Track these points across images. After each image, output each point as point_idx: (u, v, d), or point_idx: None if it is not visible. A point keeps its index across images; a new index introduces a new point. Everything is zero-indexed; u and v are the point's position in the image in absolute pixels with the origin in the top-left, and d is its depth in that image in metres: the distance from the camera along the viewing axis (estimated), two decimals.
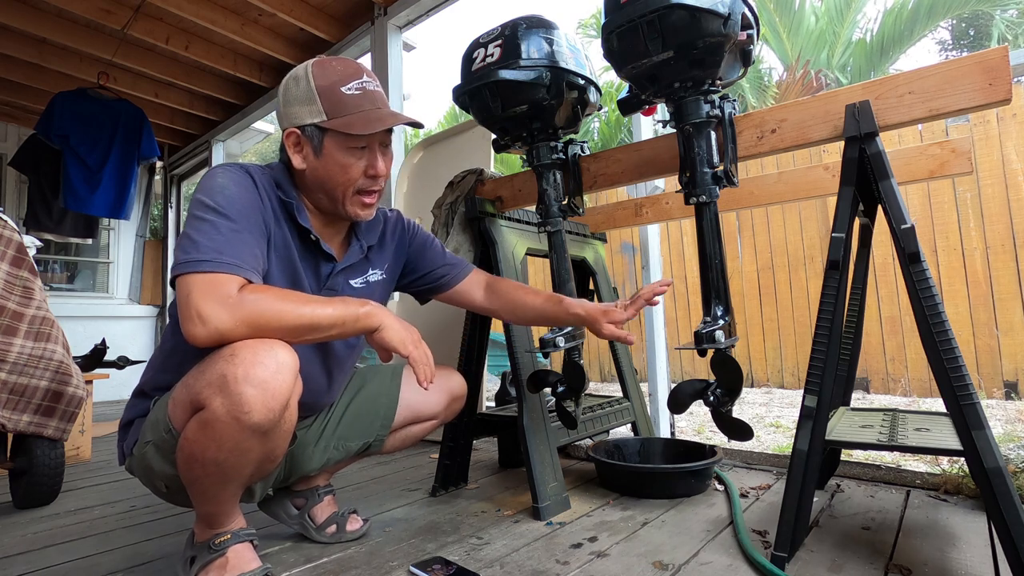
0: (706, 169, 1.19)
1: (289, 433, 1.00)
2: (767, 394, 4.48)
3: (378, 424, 1.27)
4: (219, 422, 0.87)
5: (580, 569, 1.10)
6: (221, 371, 0.87)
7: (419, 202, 2.56)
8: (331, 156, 1.06)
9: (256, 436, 0.90)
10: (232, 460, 0.92)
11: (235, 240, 0.95)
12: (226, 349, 0.89)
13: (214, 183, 1.00)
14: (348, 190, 1.08)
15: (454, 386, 1.34)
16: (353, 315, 0.98)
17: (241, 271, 0.92)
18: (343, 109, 1.04)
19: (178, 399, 0.95)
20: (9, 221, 1.68)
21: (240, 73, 3.63)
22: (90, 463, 2.31)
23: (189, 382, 0.94)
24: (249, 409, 0.86)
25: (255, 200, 1.03)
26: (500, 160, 7.17)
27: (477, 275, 1.35)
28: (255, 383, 0.86)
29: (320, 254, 1.13)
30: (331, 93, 1.04)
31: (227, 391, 0.86)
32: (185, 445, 0.93)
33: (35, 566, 1.23)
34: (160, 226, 5.26)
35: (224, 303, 0.88)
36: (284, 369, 0.90)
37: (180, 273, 0.91)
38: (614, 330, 1.18)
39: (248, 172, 1.06)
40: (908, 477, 1.57)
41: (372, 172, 1.08)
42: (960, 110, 1.04)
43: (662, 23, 1.04)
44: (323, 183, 1.08)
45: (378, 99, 1.08)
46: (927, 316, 0.99)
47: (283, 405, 0.91)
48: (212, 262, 0.90)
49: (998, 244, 3.69)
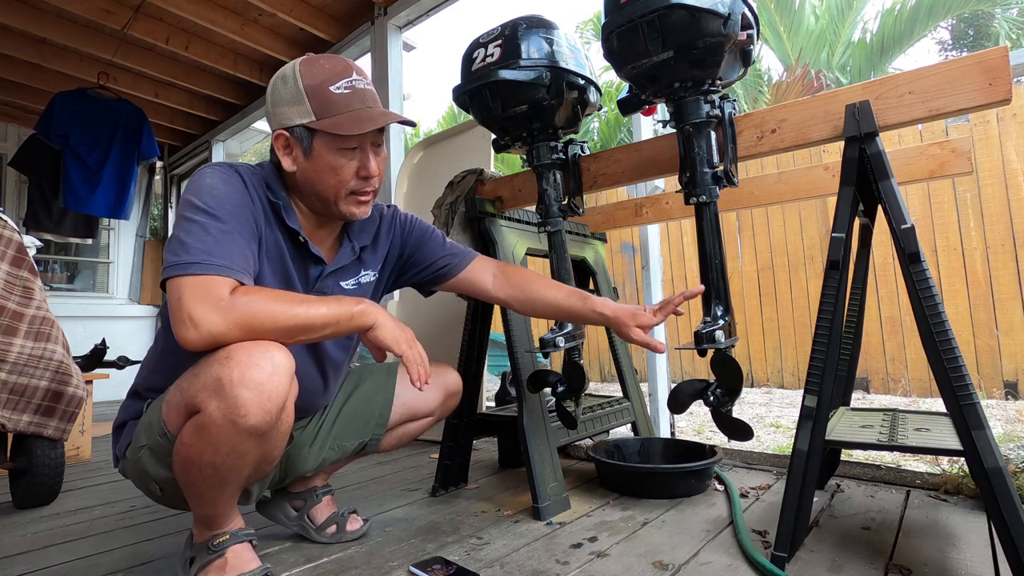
0: (706, 169, 1.19)
1: (286, 435, 0.99)
2: (767, 394, 4.48)
3: (373, 423, 1.26)
4: (215, 425, 0.87)
5: (580, 569, 1.10)
6: (216, 374, 0.86)
7: (419, 202, 2.56)
8: (321, 158, 1.03)
9: (253, 439, 0.90)
10: (229, 463, 0.91)
11: (225, 241, 0.93)
12: (221, 351, 0.88)
13: (203, 183, 0.98)
14: (340, 192, 1.06)
15: (449, 383, 1.34)
16: (347, 313, 0.97)
17: (232, 272, 0.91)
18: (332, 109, 1.01)
19: (173, 402, 0.95)
20: (9, 221, 1.68)
21: (240, 73, 3.63)
22: (90, 463, 2.31)
23: (183, 385, 0.93)
24: (245, 412, 0.86)
25: (245, 200, 1.01)
26: (500, 160, 7.17)
27: (483, 262, 1.31)
28: (251, 385, 0.86)
29: (309, 256, 1.11)
30: (319, 92, 1.01)
31: (223, 394, 0.85)
32: (181, 449, 0.92)
33: (35, 566, 1.23)
34: (160, 226, 5.27)
35: (216, 306, 0.86)
36: (280, 371, 0.89)
37: (170, 276, 0.89)
38: (644, 336, 1.13)
39: (237, 171, 1.04)
40: (908, 477, 1.57)
41: (364, 173, 1.06)
42: (960, 110, 1.04)
43: (662, 23, 1.04)
44: (314, 185, 1.06)
45: (368, 98, 1.05)
46: (927, 316, 0.99)
47: (279, 407, 0.90)
48: (202, 264, 0.88)
49: (998, 244, 3.69)
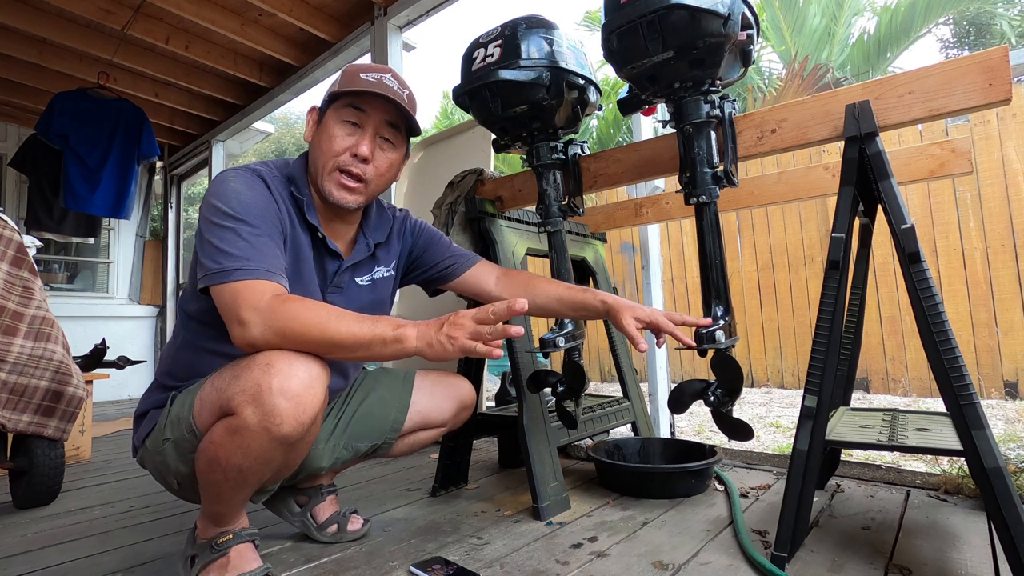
0: (706, 169, 1.19)
1: (311, 444, 1.02)
2: (767, 394, 4.48)
3: (388, 427, 1.27)
4: (249, 430, 0.88)
5: (580, 569, 1.10)
6: (256, 380, 0.87)
7: (419, 202, 2.56)
8: (326, 125, 1.10)
9: (283, 447, 0.91)
10: (255, 468, 0.93)
11: (259, 245, 0.96)
12: (261, 357, 0.89)
13: (227, 188, 1.01)
14: (328, 163, 1.09)
15: (464, 395, 1.35)
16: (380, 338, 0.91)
17: (271, 276, 0.94)
18: (353, 84, 1.08)
19: (206, 400, 0.95)
20: (9, 221, 1.68)
21: (240, 73, 3.63)
22: (90, 463, 2.31)
23: (220, 385, 0.93)
24: (280, 421, 0.87)
25: (270, 203, 1.04)
26: (500, 160, 7.16)
27: (487, 265, 1.36)
28: (289, 395, 0.87)
29: (327, 251, 1.14)
30: (351, 75, 1.10)
31: (260, 401, 0.86)
32: (209, 448, 0.93)
33: (35, 566, 1.23)
34: (160, 226, 5.26)
35: (257, 310, 0.89)
36: (316, 383, 0.91)
37: (215, 283, 0.92)
38: (632, 328, 1.13)
39: (259, 175, 1.07)
40: (908, 477, 1.57)
41: (354, 151, 1.09)
42: (960, 110, 1.04)
43: (662, 23, 1.04)
44: (314, 155, 1.13)
45: (388, 88, 1.10)
46: (927, 316, 0.99)
47: (312, 419, 0.91)
48: (243, 270, 0.92)
49: (998, 244, 3.69)
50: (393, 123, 1.13)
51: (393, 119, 1.12)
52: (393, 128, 1.13)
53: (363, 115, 1.09)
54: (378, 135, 1.11)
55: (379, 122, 1.10)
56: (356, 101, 1.09)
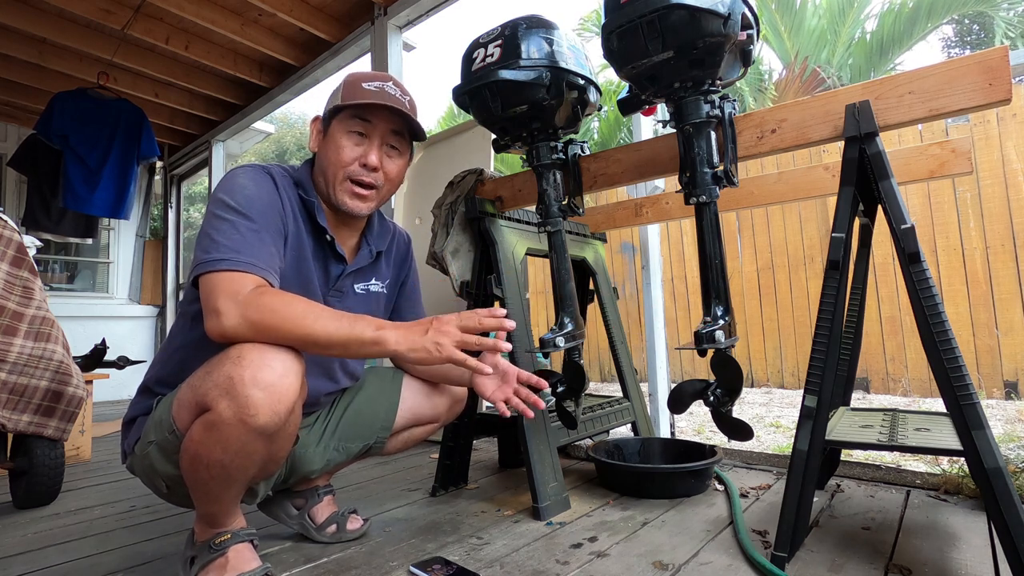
0: (706, 169, 1.19)
1: (293, 436, 1.00)
2: (767, 394, 4.48)
3: (378, 427, 1.27)
4: (225, 424, 0.87)
5: (580, 569, 1.10)
6: (228, 373, 0.87)
7: (419, 202, 2.56)
8: (332, 137, 1.12)
9: (261, 438, 0.91)
10: (237, 462, 0.92)
11: (254, 240, 0.97)
12: (233, 351, 0.89)
13: (235, 183, 1.03)
14: (339, 173, 1.12)
15: (456, 390, 1.35)
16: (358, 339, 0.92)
17: (257, 270, 0.94)
18: (355, 96, 1.10)
19: (183, 400, 0.96)
20: (9, 221, 1.68)
21: (240, 73, 3.63)
22: (90, 463, 2.31)
23: (194, 383, 0.94)
24: (255, 412, 0.87)
25: (274, 200, 1.06)
26: (500, 160, 7.16)
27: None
28: (262, 386, 0.87)
29: (333, 255, 1.16)
30: (352, 85, 1.12)
31: (234, 393, 0.86)
32: (190, 446, 0.93)
33: (35, 566, 1.23)
34: (160, 226, 5.26)
35: (235, 300, 0.90)
36: (291, 373, 0.90)
37: (201, 272, 0.93)
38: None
39: (269, 173, 1.09)
40: (908, 477, 1.57)
41: (363, 161, 1.12)
42: (960, 110, 1.04)
43: (662, 23, 1.04)
44: (322, 165, 1.14)
45: (390, 97, 1.11)
46: (927, 316, 0.99)
47: (288, 409, 0.91)
48: (229, 260, 0.93)
49: (998, 244, 3.69)
50: (398, 131, 1.16)
51: (398, 127, 1.16)
52: (398, 135, 1.16)
53: (369, 125, 1.12)
54: (385, 144, 1.14)
55: (385, 131, 1.14)
56: (361, 112, 1.12)
